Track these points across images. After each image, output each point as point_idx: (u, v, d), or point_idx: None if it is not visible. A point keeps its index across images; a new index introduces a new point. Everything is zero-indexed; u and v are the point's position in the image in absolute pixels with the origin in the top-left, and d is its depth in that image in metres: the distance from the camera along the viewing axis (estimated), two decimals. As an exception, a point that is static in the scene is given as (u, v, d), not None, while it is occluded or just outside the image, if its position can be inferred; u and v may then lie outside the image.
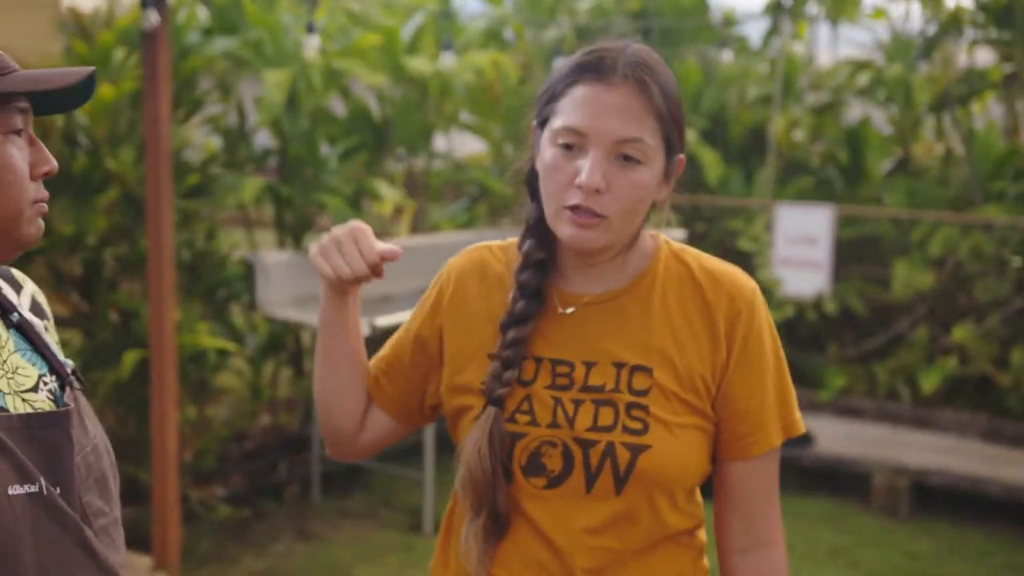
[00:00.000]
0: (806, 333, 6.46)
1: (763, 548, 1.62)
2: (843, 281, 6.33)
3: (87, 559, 1.31)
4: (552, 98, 1.52)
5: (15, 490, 1.25)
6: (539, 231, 1.58)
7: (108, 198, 4.52)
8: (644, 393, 1.52)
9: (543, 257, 1.58)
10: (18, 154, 1.31)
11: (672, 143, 1.52)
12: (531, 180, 1.60)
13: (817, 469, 5.60)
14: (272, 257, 5.03)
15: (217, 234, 5.14)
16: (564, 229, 1.50)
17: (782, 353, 1.61)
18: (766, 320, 1.59)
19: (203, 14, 5.30)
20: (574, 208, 1.48)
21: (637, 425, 1.51)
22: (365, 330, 4.55)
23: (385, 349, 1.70)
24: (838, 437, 5.78)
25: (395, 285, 5.40)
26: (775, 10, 7.10)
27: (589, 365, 1.55)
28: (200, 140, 5.44)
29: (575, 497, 1.53)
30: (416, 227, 6.46)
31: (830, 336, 6.47)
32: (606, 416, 1.52)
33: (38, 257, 4.61)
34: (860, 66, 6.85)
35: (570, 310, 1.57)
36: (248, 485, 5.20)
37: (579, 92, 1.49)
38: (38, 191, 1.35)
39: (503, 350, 1.56)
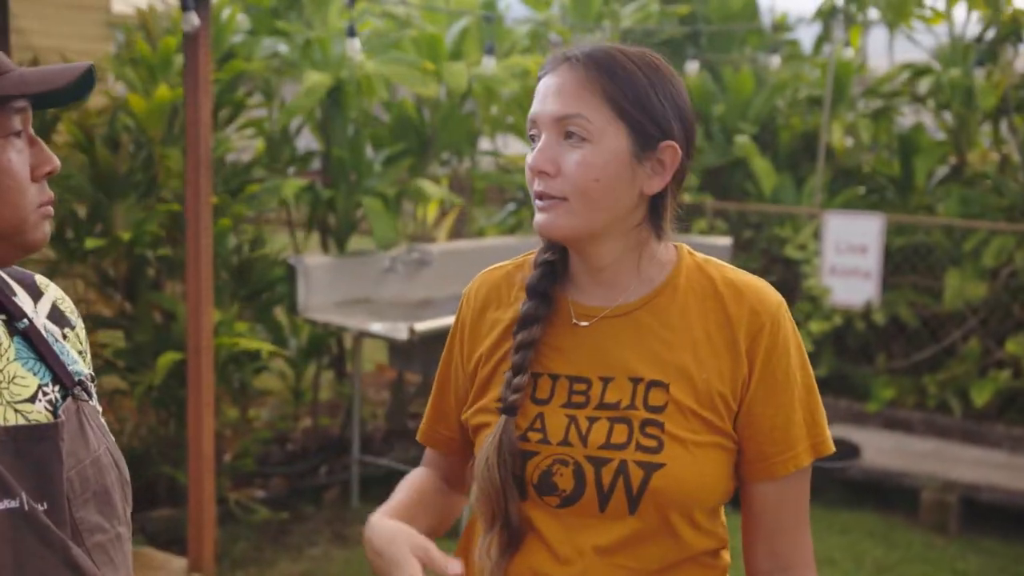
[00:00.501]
0: (854, 343, 6.34)
1: (792, 572, 1.56)
2: (893, 290, 6.19)
3: None
4: None
5: None
6: None
7: (162, 200, 4.54)
8: (660, 410, 1.47)
9: (550, 259, 1.55)
10: (17, 157, 1.27)
11: (641, 128, 1.46)
12: None
13: (864, 483, 5.47)
14: (314, 260, 5.01)
15: (265, 238, 5.14)
16: (535, 218, 1.50)
17: (810, 368, 1.55)
18: (792, 334, 1.52)
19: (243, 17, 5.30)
20: (538, 196, 1.48)
21: (651, 443, 1.46)
22: (404, 335, 4.53)
23: (431, 399, 1.70)
24: (886, 450, 5.66)
25: (435, 290, 5.37)
26: (827, 15, 6.97)
27: (606, 381, 1.50)
28: (241, 143, 5.44)
29: (589, 516, 1.48)
30: (461, 231, 6.43)
31: (879, 346, 6.33)
32: (620, 433, 1.47)
33: (89, 257, 4.64)
34: (919, 71, 6.69)
35: (585, 323, 1.53)
36: (287, 488, 5.19)
37: (538, 87, 1.51)
38: (41, 193, 1.31)
39: (513, 355, 1.53)
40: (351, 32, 4.66)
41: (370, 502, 5.12)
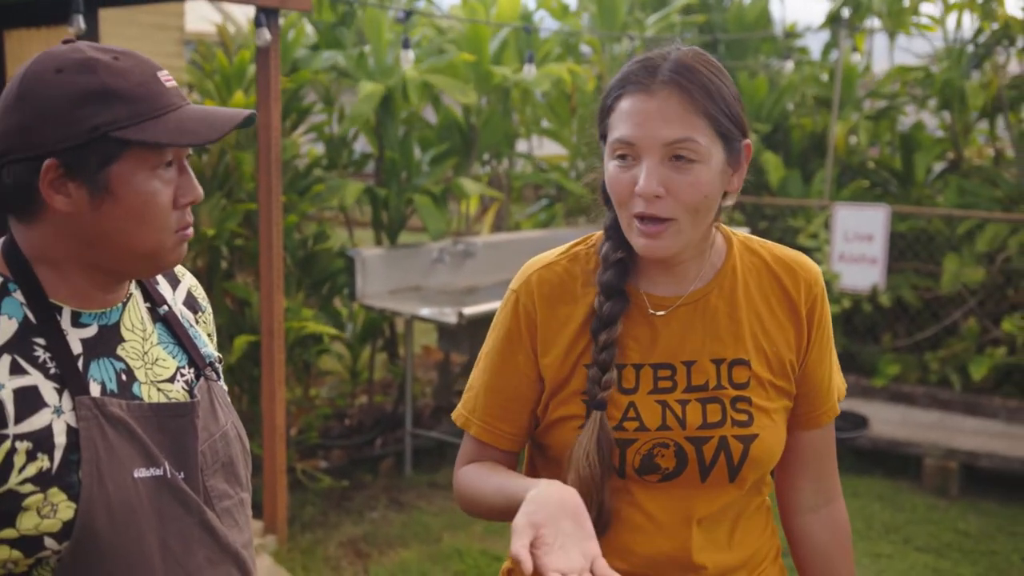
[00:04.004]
0: (862, 324, 6.36)
1: (831, 503, 1.63)
2: (897, 275, 6.21)
3: (208, 538, 1.32)
4: (605, 113, 1.47)
5: (141, 473, 1.25)
6: (615, 234, 1.52)
7: (239, 200, 4.63)
8: (744, 386, 1.49)
9: (621, 256, 1.51)
10: (163, 189, 1.26)
11: (730, 136, 1.43)
12: (605, 189, 1.56)
13: (872, 451, 5.50)
14: (370, 252, 5.09)
15: (330, 234, 5.23)
16: (636, 241, 1.44)
17: None
18: (827, 299, 1.58)
19: (310, 31, 5.38)
20: (640, 217, 1.42)
21: (743, 417, 1.48)
22: (453, 319, 4.60)
23: (487, 397, 1.57)
24: (892, 421, 5.68)
25: (480, 278, 5.45)
26: (834, 23, 6.99)
27: (689, 365, 1.49)
28: (305, 147, 5.53)
29: (690, 487, 1.49)
30: (499, 226, 6.49)
31: (884, 327, 6.35)
32: (714, 413, 1.48)
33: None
34: (914, 70, 6.70)
35: (661, 313, 1.50)
36: (347, 458, 5.28)
37: (625, 104, 1.42)
38: (182, 219, 1.29)
39: (598, 354, 1.48)
40: (405, 44, 4.72)
41: (422, 471, 5.22)
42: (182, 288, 1.48)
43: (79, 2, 3.35)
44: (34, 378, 1.22)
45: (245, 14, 5.91)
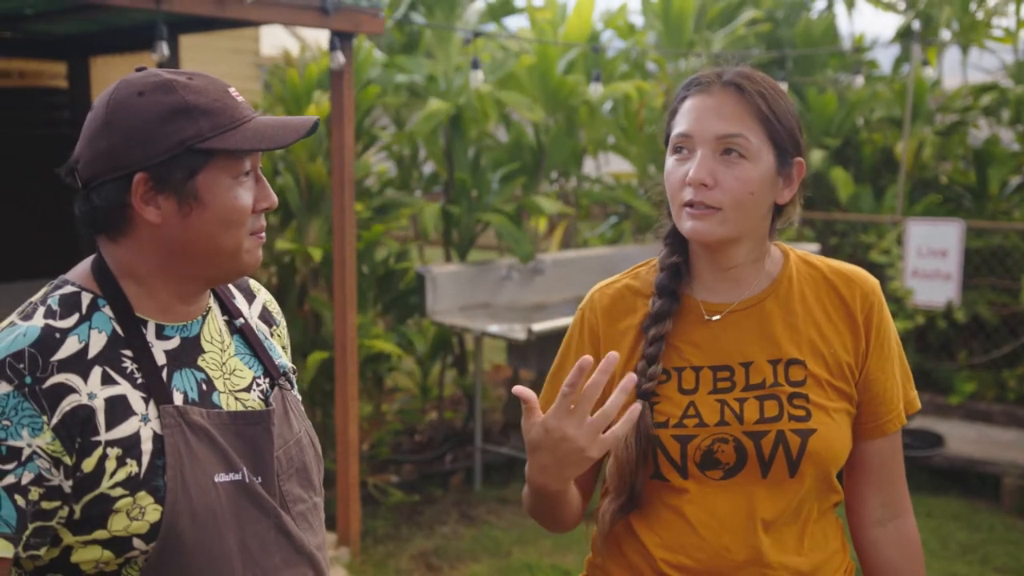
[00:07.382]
0: (936, 341, 6.24)
1: (899, 518, 1.64)
2: (972, 291, 6.09)
3: (284, 540, 1.37)
4: (671, 117, 1.57)
5: (221, 478, 1.31)
6: (672, 240, 1.62)
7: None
8: (801, 384, 1.54)
9: (677, 261, 1.60)
10: (244, 195, 1.33)
11: (783, 146, 1.53)
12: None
13: (948, 470, 5.39)
14: (440, 269, 5.15)
15: (409, 254, 5.30)
16: (684, 224, 1.52)
17: (898, 338, 1.64)
18: (887, 309, 1.62)
19: (378, 54, 5.46)
20: (689, 204, 1.51)
21: (801, 412, 1.52)
22: (522, 335, 4.63)
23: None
24: (968, 440, 5.56)
25: (548, 295, 5.47)
26: (905, 36, 6.90)
27: (746, 366, 1.55)
28: (376, 166, 5.61)
29: (753, 484, 1.52)
30: (567, 243, 6.51)
31: (960, 343, 6.23)
32: (771, 408, 1.53)
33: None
34: (984, 88, 6.60)
35: (716, 317, 1.57)
36: (418, 473, 5.32)
37: (686, 104, 1.54)
38: (257, 222, 1.37)
39: (647, 347, 1.55)
40: (475, 64, 4.77)
41: (492, 486, 5.24)
42: (257, 303, 1.55)
43: (163, 29, 3.45)
44: (123, 388, 1.29)
45: (317, 38, 6.03)
